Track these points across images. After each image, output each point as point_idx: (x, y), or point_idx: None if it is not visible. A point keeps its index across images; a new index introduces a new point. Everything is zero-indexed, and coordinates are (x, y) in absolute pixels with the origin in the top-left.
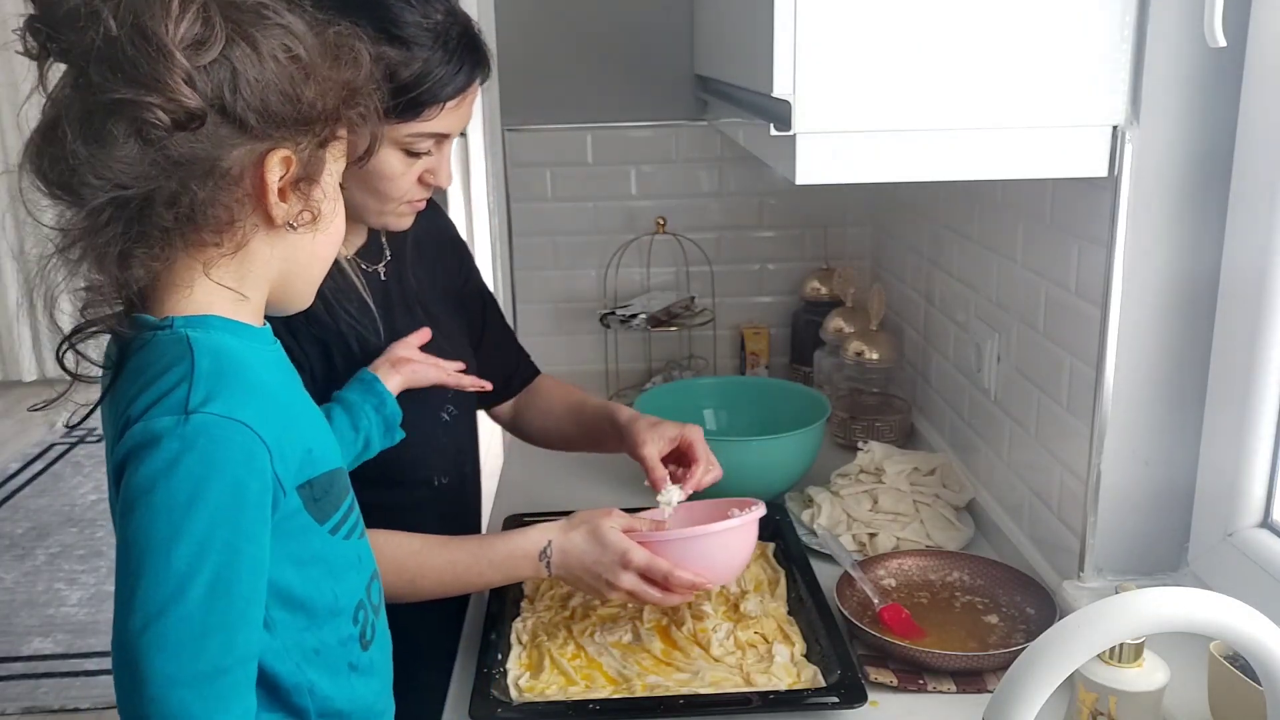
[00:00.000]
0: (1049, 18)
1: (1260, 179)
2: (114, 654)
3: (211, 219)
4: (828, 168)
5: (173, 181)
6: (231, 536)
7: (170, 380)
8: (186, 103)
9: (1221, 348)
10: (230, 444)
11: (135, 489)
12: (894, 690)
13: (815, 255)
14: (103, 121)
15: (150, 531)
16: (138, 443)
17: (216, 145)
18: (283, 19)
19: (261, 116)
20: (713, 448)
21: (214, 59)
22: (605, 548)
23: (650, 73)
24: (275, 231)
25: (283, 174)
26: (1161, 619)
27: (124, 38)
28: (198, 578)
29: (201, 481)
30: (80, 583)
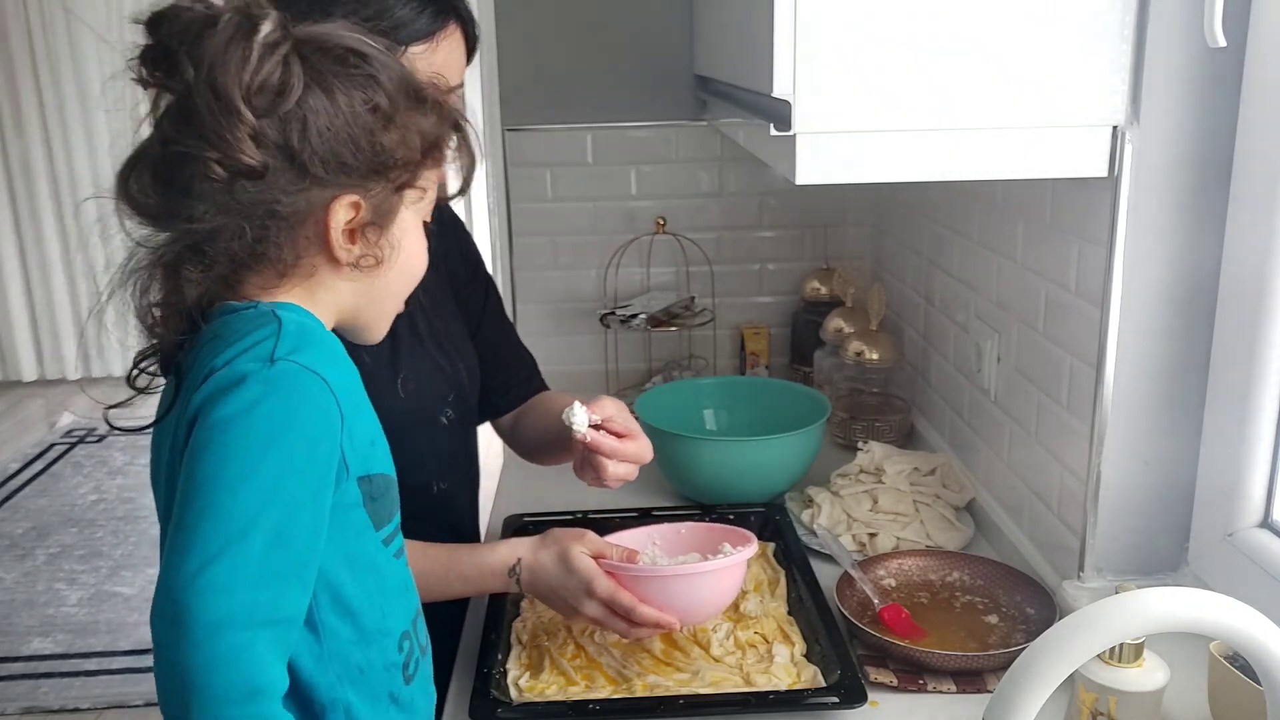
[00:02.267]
0: (1049, 18)
1: (1260, 179)
2: (158, 601)
3: (275, 256)
4: (828, 168)
5: (240, 220)
6: (298, 490)
7: (258, 335)
8: (245, 160)
9: (1221, 348)
10: (310, 397)
11: (211, 427)
12: (894, 690)
13: (815, 255)
14: (175, 167)
15: (221, 471)
16: (220, 385)
17: (282, 190)
18: (368, 67)
19: (329, 165)
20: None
21: (288, 109)
22: (571, 573)
23: (650, 73)
24: (341, 270)
25: (350, 218)
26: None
27: (198, 88)
28: (262, 523)
29: (279, 428)
30: (80, 583)
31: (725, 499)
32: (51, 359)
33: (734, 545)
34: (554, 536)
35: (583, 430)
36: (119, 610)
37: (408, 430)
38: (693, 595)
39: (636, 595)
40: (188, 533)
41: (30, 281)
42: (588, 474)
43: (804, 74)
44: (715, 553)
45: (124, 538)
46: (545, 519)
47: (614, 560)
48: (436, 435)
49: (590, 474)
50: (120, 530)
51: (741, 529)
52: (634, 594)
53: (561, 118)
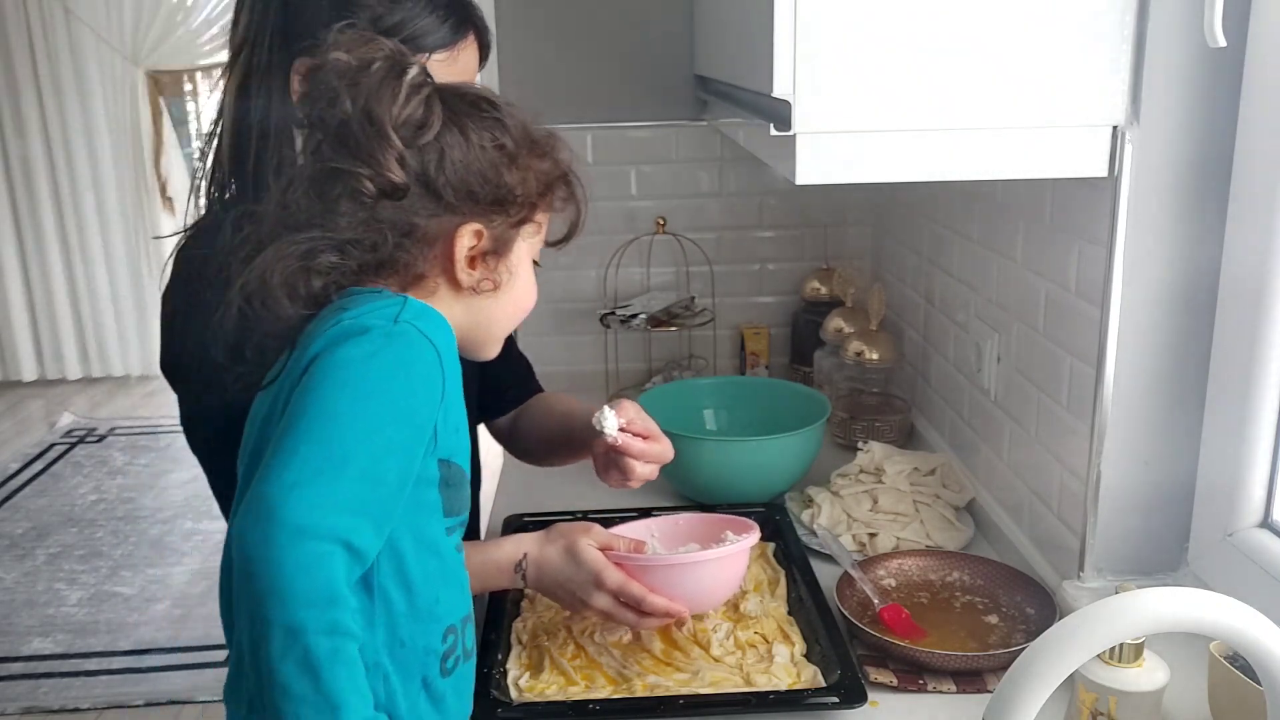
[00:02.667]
0: (1049, 18)
1: (1260, 179)
2: (251, 508)
3: (403, 269)
4: (828, 168)
5: (375, 234)
6: (395, 439)
7: (385, 303)
8: (392, 178)
9: (1221, 348)
10: (422, 360)
11: (330, 365)
12: (894, 690)
13: (815, 255)
14: (326, 182)
15: (333, 404)
16: (344, 332)
17: (416, 212)
18: (496, 113)
19: (459, 194)
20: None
21: (428, 141)
22: (579, 566)
23: (650, 73)
24: (460, 293)
25: (473, 245)
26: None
27: (355, 118)
28: (358, 459)
29: (391, 378)
30: (80, 583)
31: (725, 499)
32: (51, 359)
33: (735, 533)
34: (560, 531)
35: (614, 434)
36: (119, 610)
37: None
38: (701, 583)
39: (645, 586)
40: (289, 452)
41: (30, 281)
42: (613, 476)
43: (804, 74)
44: (714, 541)
45: (124, 538)
46: (545, 519)
47: (621, 552)
48: None
49: (616, 476)
50: (120, 530)
51: (740, 517)
52: (642, 584)
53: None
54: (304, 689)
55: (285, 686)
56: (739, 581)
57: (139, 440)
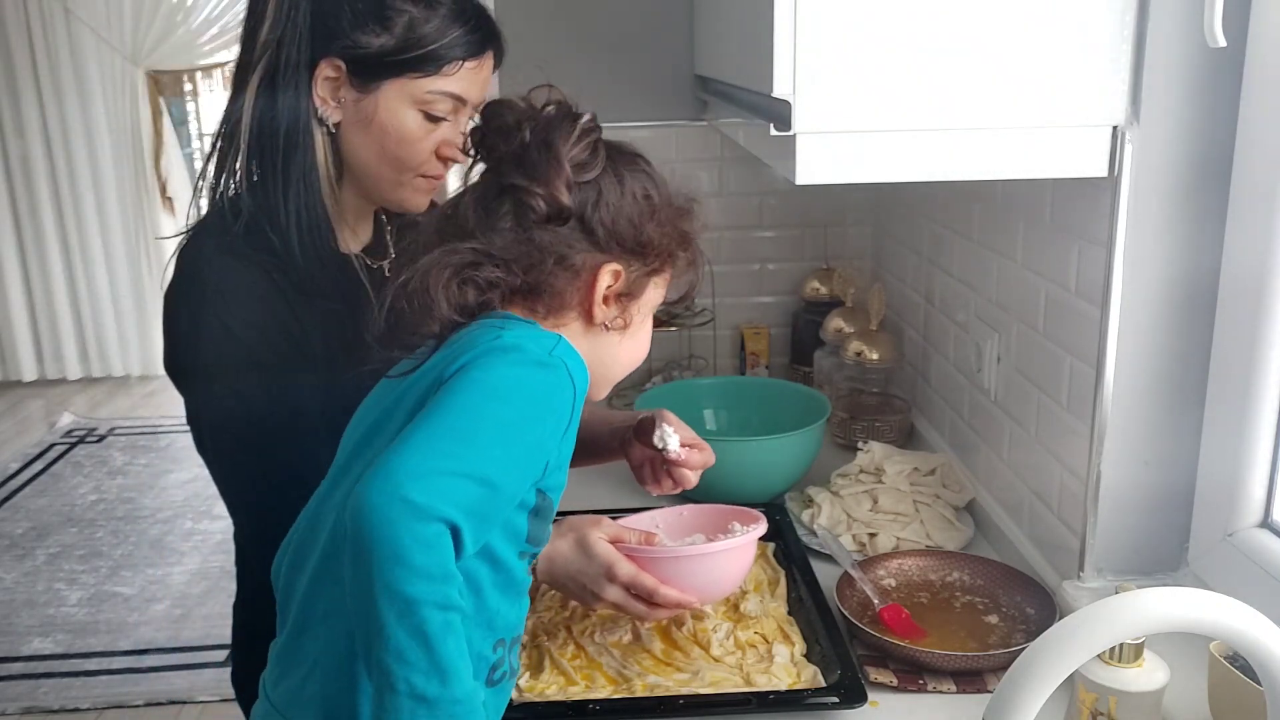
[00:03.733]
0: (1049, 18)
1: (1260, 179)
2: (381, 479)
3: (547, 293)
4: (828, 168)
5: (531, 257)
6: (520, 455)
7: (543, 335)
8: (562, 200)
9: (1221, 348)
10: (563, 395)
11: (484, 370)
12: (894, 690)
13: (815, 255)
14: (494, 198)
15: (477, 407)
16: (506, 346)
17: (568, 244)
18: (649, 169)
19: (609, 233)
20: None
21: (589, 180)
22: (591, 559)
23: (650, 73)
24: (591, 327)
25: (611, 284)
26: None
27: (533, 145)
28: (483, 463)
29: (533, 401)
30: (80, 583)
31: (725, 499)
32: (51, 359)
33: (742, 523)
34: (570, 524)
35: (678, 451)
36: (119, 610)
37: None
38: (712, 573)
39: (656, 577)
40: (428, 437)
41: (30, 281)
42: (665, 484)
43: (804, 74)
44: (720, 532)
45: (124, 538)
46: None
47: (632, 544)
48: None
49: (669, 483)
50: (120, 530)
51: (743, 508)
52: (653, 576)
53: None
54: (417, 656)
55: (400, 651)
56: (747, 571)
57: (139, 440)
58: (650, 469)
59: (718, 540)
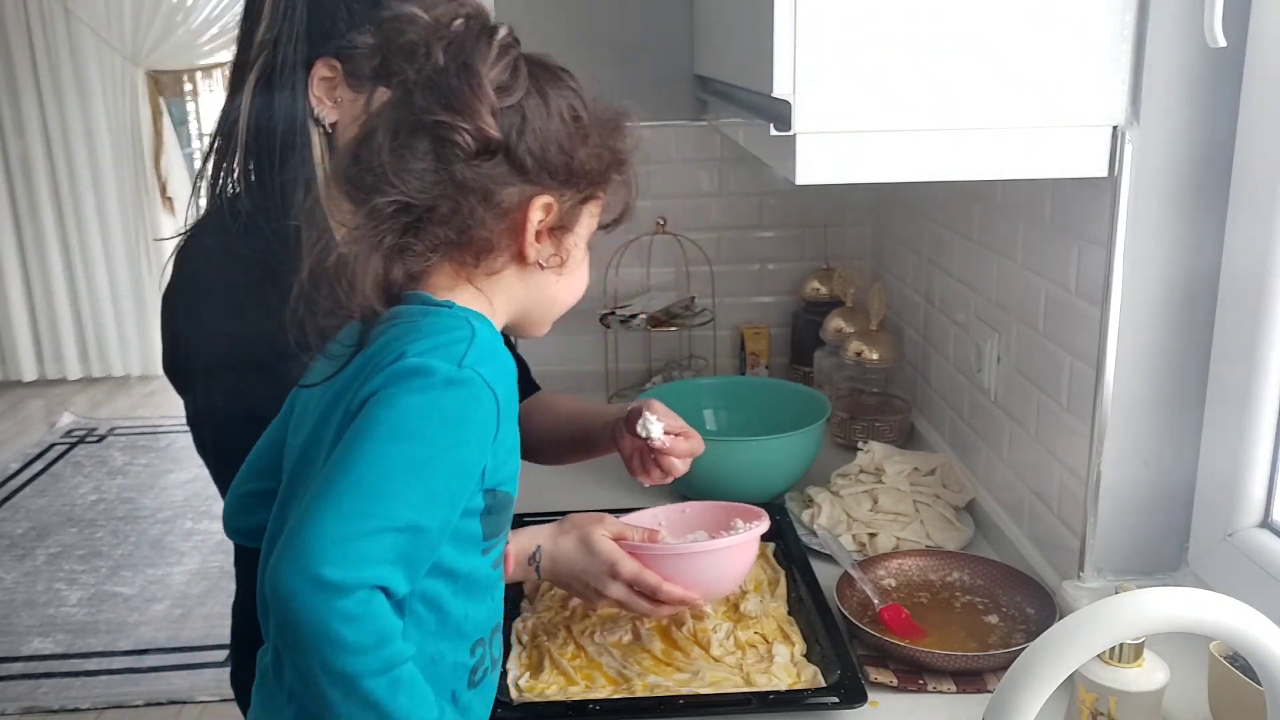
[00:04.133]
0: (1049, 18)
1: (1260, 179)
2: (292, 551)
3: (476, 241)
4: (828, 168)
5: (452, 201)
6: (444, 490)
7: (453, 337)
8: (489, 133)
9: (1221, 348)
10: (482, 409)
11: (389, 408)
12: (894, 690)
13: (815, 255)
14: (410, 137)
15: (386, 453)
16: (410, 370)
17: (495, 180)
18: (574, 83)
19: (538, 163)
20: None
21: (512, 104)
22: (594, 556)
23: (650, 73)
24: (526, 268)
25: (543, 218)
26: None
27: (450, 70)
28: (403, 510)
29: (447, 428)
30: (80, 583)
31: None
32: (51, 359)
33: (744, 520)
34: (573, 522)
35: (660, 438)
36: (119, 610)
37: None
38: (715, 570)
39: (659, 574)
40: (334, 500)
41: (30, 281)
42: (653, 474)
43: (804, 74)
44: (723, 529)
45: (124, 538)
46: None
47: (635, 541)
48: None
49: (657, 474)
50: (120, 530)
51: (746, 505)
52: (657, 573)
53: None
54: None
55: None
56: (750, 568)
57: (139, 440)
58: (639, 459)
59: (720, 537)
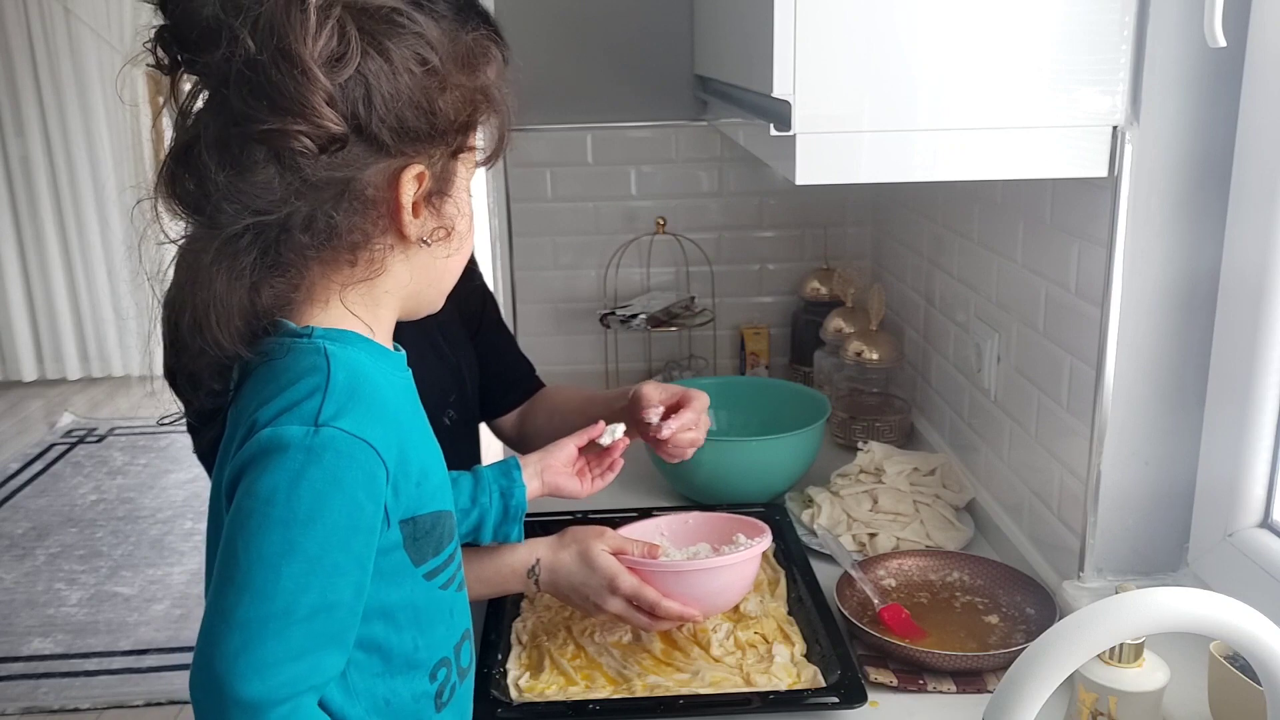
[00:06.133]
0: (1049, 18)
1: (1260, 179)
2: (200, 673)
3: (348, 240)
4: (828, 168)
5: (309, 204)
6: (342, 558)
7: (303, 390)
8: (331, 128)
9: (1221, 348)
10: (355, 463)
11: (255, 498)
12: (894, 690)
13: (815, 255)
14: (241, 147)
15: (264, 545)
16: (264, 448)
17: (352, 166)
18: (416, 24)
19: (396, 133)
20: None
21: (350, 75)
22: (593, 571)
23: (650, 73)
24: (410, 248)
25: (416, 189)
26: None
27: (266, 60)
28: (304, 598)
29: (322, 498)
30: (80, 583)
31: (725, 499)
32: (51, 359)
33: (747, 535)
34: (573, 535)
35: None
36: (119, 610)
37: None
38: (713, 586)
39: (659, 590)
40: (229, 610)
41: (30, 281)
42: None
43: (804, 74)
44: (725, 542)
45: (124, 538)
46: (545, 519)
47: (635, 556)
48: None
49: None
50: (120, 530)
51: (748, 518)
52: (656, 589)
53: (561, 118)
54: None
55: None
56: (751, 584)
57: (139, 440)
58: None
59: (722, 552)
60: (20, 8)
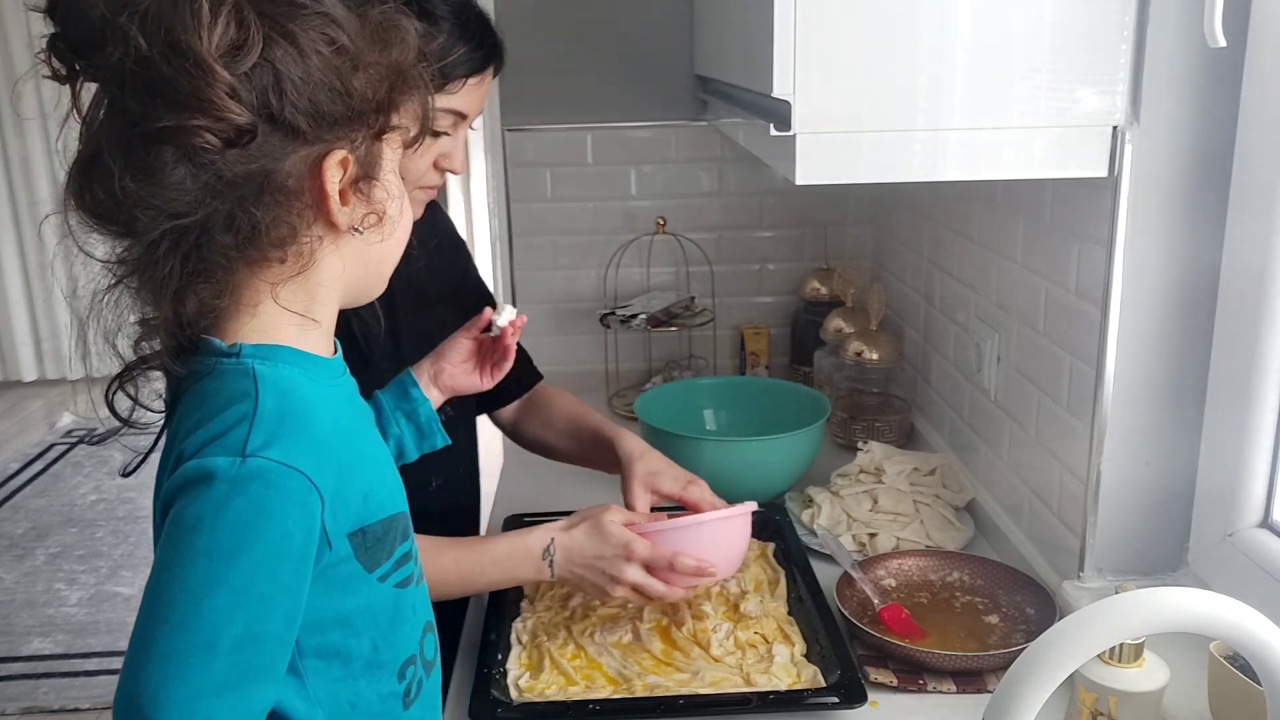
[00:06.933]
0: (1049, 18)
1: (1260, 179)
2: (121, 702)
3: (274, 236)
4: (828, 168)
5: (228, 203)
6: (269, 589)
7: (231, 418)
8: (235, 119)
9: (1221, 348)
10: (284, 492)
11: (180, 528)
12: (894, 690)
13: (815, 255)
14: (146, 150)
15: (188, 576)
16: (190, 479)
17: (269, 157)
18: (320, 5)
19: (312, 119)
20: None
21: (254, 64)
22: (607, 541)
23: (650, 73)
24: (341, 238)
25: (342, 175)
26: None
27: (157, 56)
28: (229, 630)
29: (248, 529)
30: (80, 583)
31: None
32: (51, 359)
33: None
34: (582, 514)
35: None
36: (119, 610)
37: None
38: (723, 540)
39: None
40: (152, 641)
41: (30, 281)
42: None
43: (804, 74)
44: None
45: (124, 538)
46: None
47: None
48: None
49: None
50: (120, 530)
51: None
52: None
53: (561, 118)
54: None
55: None
56: (747, 544)
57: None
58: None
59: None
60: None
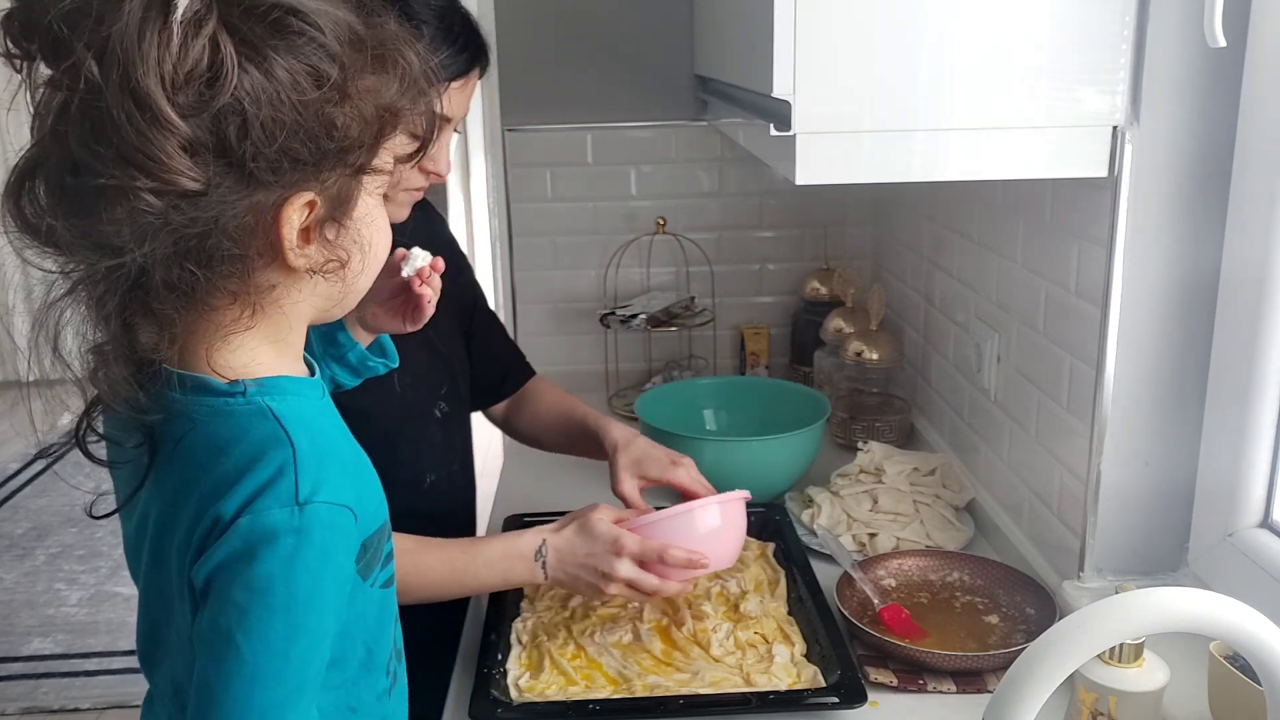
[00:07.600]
0: (1049, 18)
1: (1260, 179)
2: None
3: (221, 280)
4: (828, 168)
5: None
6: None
7: (270, 467)
8: (184, 184)
9: (1221, 348)
10: (338, 531)
11: (251, 591)
12: (894, 690)
13: (815, 255)
14: (79, 197)
15: (269, 634)
16: (251, 541)
17: (220, 205)
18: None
19: (275, 165)
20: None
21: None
22: (596, 538)
23: (650, 73)
24: (301, 279)
25: (305, 217)
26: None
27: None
28: (312, 668)
29: (318, 576)
30: (80, 583)
31: None
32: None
33: None
34: (571, 515)
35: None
36: (119, 610)
37: (401, 426)
38: (714, 529)
39: None
40: (245, 701)
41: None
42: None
43: (804, 74)
44: None
45: None
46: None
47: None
48: (430, 429)
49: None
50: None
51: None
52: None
53: (561, 118)
54: None
55: None
56: (742, 536)
57: None
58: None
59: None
60: None
